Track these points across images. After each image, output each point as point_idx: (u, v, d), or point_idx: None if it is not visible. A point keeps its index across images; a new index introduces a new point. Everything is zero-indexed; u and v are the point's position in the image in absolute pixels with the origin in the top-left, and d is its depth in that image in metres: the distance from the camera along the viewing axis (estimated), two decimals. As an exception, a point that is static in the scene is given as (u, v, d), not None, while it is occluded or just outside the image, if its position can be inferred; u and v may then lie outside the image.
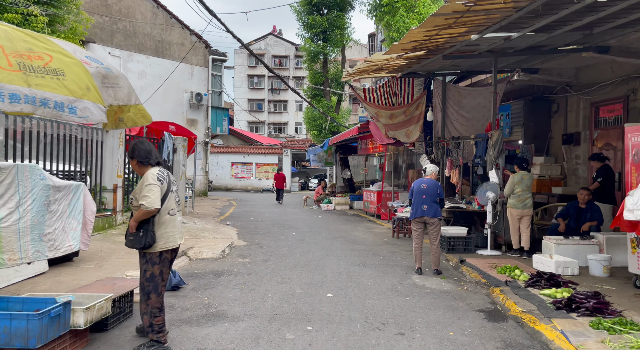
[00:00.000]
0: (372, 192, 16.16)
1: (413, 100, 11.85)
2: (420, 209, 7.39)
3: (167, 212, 4.16)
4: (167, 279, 4.27)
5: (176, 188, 4.35)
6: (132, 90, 4.11)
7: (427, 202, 7.34)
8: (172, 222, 4.19)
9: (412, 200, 7.60)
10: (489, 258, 8.48)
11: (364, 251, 9.16)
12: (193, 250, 8.27)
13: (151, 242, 4.01)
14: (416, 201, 7.47)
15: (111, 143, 8.93)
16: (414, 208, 7.49)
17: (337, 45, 23.70)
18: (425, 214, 7.33)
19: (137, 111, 4.23)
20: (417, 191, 7.48)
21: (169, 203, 4.18)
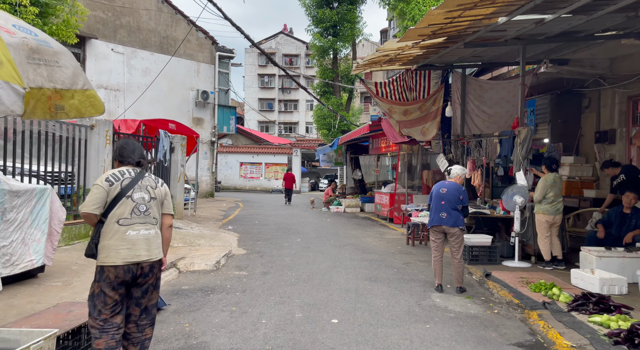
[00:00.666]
0: (384, 194, 15.20)
1: (429, 95, 10.88)
2: (438, 216, 6.42)
3: (115, 220, 3.36)
4: (113, 304, 3.35)
5: (141, 195, 3.47)
6: (79, 71, 3.24)
7: (446, 208, 6.38)
8: (121, 235, 3.35)
9: (430, 205, 6.65)
10: (518, 271, 7.50)
11: (376, 262, 8.22)
12: (184, 261, 7.40)
13: (88, 252, 3.41)
14: (434, 207, 6.51)
15: (96, 141, 8.11)
16: (432, 215, 6.54)
17: (348, 40, 22.72)
18: (444, 222, 6.37)
19: (85, 98, 3.36)
20: (436, 196, 6.52)
21: (119, 210, 3.37)
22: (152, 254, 3.45)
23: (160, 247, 3.56)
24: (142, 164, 3.62)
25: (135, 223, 3.40)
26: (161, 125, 13.46)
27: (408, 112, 11.03)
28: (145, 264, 3.41)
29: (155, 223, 3.53)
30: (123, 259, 3.32)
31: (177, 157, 11.78)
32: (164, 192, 3.66)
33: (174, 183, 11.72)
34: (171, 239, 3.82)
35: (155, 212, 3.54)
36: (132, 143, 3.71)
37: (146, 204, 3.47)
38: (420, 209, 12.17)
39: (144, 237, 3.43)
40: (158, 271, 3.55)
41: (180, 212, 11.85)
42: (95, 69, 20.61)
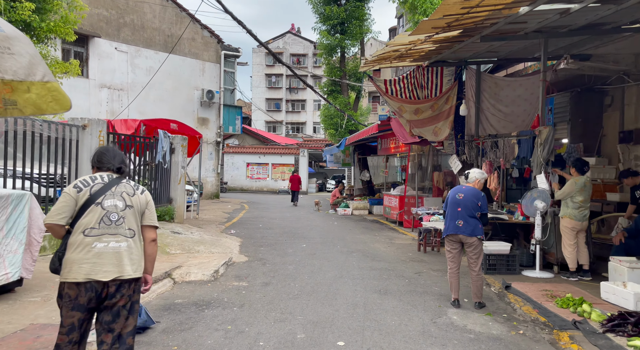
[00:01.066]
0: (393, 197, 14.64)
1: (442, 92, 10.32)
2: (453, 224, 5.87)
3: (81, 230, 2.92)
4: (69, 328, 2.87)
5: (114, 202, 3.01)
6: (38, 60, 2.76)
7: (463, 216, 5.82)
8: (86, 247, 2.90)
9: (446, 212, 6.10)
10: (540, 282, 6.93)
11: (386, 271, 7.68)
12: (180, 270, 6.91)
13: (51, 267, 2.98)
14: (450, 214, 5.96)
15: (89, 142, 7.65)
16: (447, 222, 5.99)
17: (356, 38, 22.15)
18: (461, 231, 5.81)
19: (46, 92, 2.88)
20: (452, 202, 5.97)
21: (85, 219, 2.93)
22: (123, 270, 2.96)
23: (137, 263, 3.07)
24: (123, 170, 3.17)
25: (104, 234, 2.94)
26: (162, 125, 13.01)
27: (419, 111, 10.48)
28: (112, 283, 2.92)
29: (131, 235, 3.06)
30: (85, 275, 2.85)
31: (177, 158, 11.31)
32: (144, 201, 3.17)
33: (174, 185, 11.25)
34: (156, 255, 3.32)
35: (131, 223, 3.06)
36: (113, 150, 3.29)
37: (119, 213, 3.01)
38: (431, 213, 11.61)
39: (113, 251, 2.95)
40: (133, 292, 3.05)
41: (181, 216, 11.38)
42: (98, 68, 20.26)
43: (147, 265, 3.18)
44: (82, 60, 19.98)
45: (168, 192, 11.13)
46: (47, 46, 11.70)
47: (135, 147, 10.29)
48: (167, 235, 9.01)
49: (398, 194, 14.19)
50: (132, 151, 10.50)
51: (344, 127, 22.17)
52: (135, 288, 3.07)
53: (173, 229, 9.82)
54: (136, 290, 3.07)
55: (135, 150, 10.04)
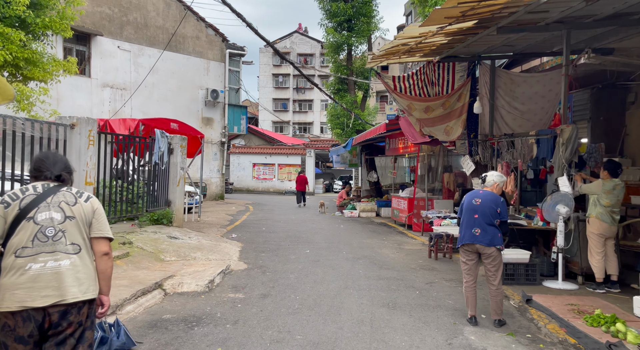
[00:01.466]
0: (402, 199, 14.07)
1: (454, 89, 9.74)
2: (470, 233, 5.31)
3: (12, 252, 2.46)
4: None
5: (49, 215, 2.58)
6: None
7: (480, 224, 5.26)
8: (19, 271, 2.45)
9: (461, 219, 5.54)
10: (563, 294, 6.35)
11: (395, 281, 7.13)
12: (172, 280, 6.40)
13: None
14: (466, 222, 5.40)
15: (78, 142, 7.17)
16: (463, 231, 5.43)
17: (363, 35, 21.59)
18: (478, 240, 5.25)
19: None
20: (468, 208, 5.41)
21: (17, 238, 2.48)
22: (65, 293, 2.49)
23: (87, 283, 2.61)
24: (64, 178, 2.67)
25: (40, 253, 2.49)
26: (162, 124, 12.55)
27: (430, 109, 9.91)
28: (54, 309, 2.45)
29: (75, 251, 2.60)
30: (19, 302, 2.39)
31: (176, 159, 10.82)
32: (89, 210, 2.70)
33: (172, 187, 10.77)
34: (112, 271, 2.82)
35: (74, 236, 2.61)
36: (54, 156, 2.81)
37: (56, 227, 2.55)
38: (442, 216, 11.04)
39: (52, 271, 2.48)
40: (86, 317, 2.58)
41: (180, 219, 10.90)
42: (100, 67, 19.89)
43: (101, 285, 2.73)
44: (84, 59, 19.62)
45: (166, 195, 10.65)
46: (44, 43, 11.31)
47: (131, 147, 9.82)
48: (162, 241, 8.53)
49: (407, 196, 13.63)
50: (131, 151, 10.05)
51: (350, 127, 21.62)
52: (89, 312, 2.59)
53: (170, 233, 9.34)
54: (90, 315, 2.59)
55: (132, 151, 9.57)
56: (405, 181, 21.27)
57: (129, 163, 9.44)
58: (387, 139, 16.65)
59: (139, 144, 9.75)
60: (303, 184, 23.51)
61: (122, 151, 9.25)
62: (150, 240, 8.38)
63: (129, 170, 9.69)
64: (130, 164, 9.68)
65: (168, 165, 10.67)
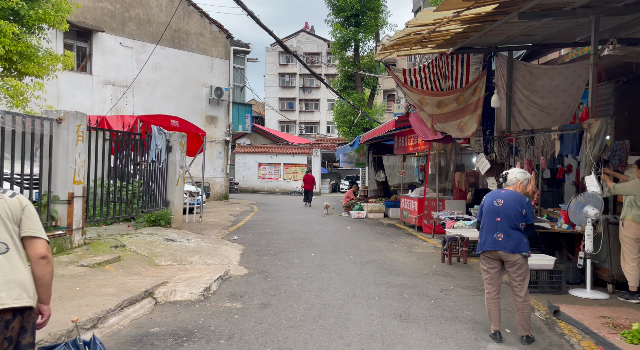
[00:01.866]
0: (411, 199, 13.48)
1: (468, 83, 9.17)
2: (491, 238, 4.73)
3: None
4: None
5: None
6: None
7: (503, 227, 4.68)
8: None
9: (481, 223, 4.96)
10: (594, 305, 5.77)
11: (406, 288, 6.56)
12: (165, 287, 5.88)
13: None
14: (486, 226, 4.82)
15: (65, 138, 6.67)
16: (483, 235, 4.84)
17: (371, 31, 21.01)
18: (500, 246, 4.67)
19: None
20: (489, 210, 4.83)
21: None
22: None
23: (19, 288, 2.21)
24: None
25: None
26: (162, 121, 12.06)
27: (442, 104, 9.34)
28: None
29: (2, 250, 2.22)
30: None
31: (174, 157, 10.32)
32: (16, 206, 2.32)
33: (171, 187, 10.26)
34: (52, 277, 2.45)
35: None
36: None
37: None
38: (455, 218, 10.47)
39: None
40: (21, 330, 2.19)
41: (179, 221, 10.39)
42: (102, 64, 19.47)
43: (39, 292, 2.36)
44: (85, 56, 19.21)
45: (164, 195, 10.15)
46: (38, 37, 10.89)
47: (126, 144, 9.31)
48: (158, 244, 8.02)
49: (417, 197, 13.04)
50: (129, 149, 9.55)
51: (357, 125, 21.04)
52: (25, 323, 2.17)
53: (167, 235, 8.83)
54: (27, 330, 2.15)
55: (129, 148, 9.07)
56: (413, 181, 20.67)
57: (123, 161, 8.93)
58: (395, 137, 16.08)
59: (133, 141, 9.23)
60: (310, 184, 23.11)
61: (117, 149, 8.76)
62: (145, 243, 7.88)
63: (125, 169, 9.19)
64: (126, 162, 9.16)
65: (166, 164, 10.17)
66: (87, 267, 6.16)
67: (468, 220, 9.97)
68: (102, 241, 7.40)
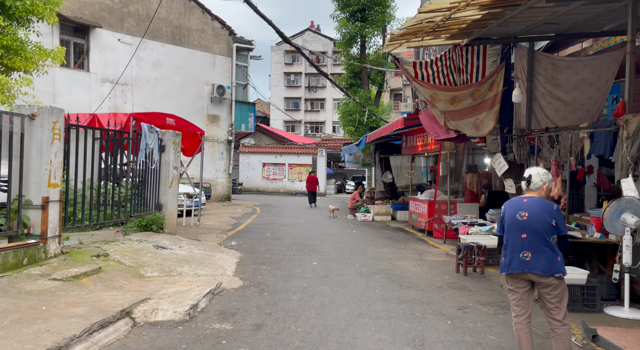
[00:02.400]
0: (421, 202, 12.75)
1: (484, 77, 8.42)
2: (518, 258, 3.96)
3: None
4: None
5: None
6: None
7: (531, 245, 3.92)
8: None
9: (502, 238, 4.21)
10: (635, 326, 5.04)
11: (419, 304, 5.84)
12: (146, 305, 5.19)
13: None
14: (511, 243, 4.05)
15: (39, 136, 6.00)
16: (508, 255, 4.06)
17: (378, 26, 20.27)
18: (530, 267, 3.91)
19: None
20: (511, 224, 4.06)
21: None
22: None
23: None
24: None
25: None
26: (156, 119, 11.42)
27: (456, 100, 8.60)
28: None
29: None
30: None
31: (168, 158, 9.64)
32: None
33: (164, 189, 9.59)
34: None
35: None
36: None
37: None
38: (468, 223, 9.73)
39: None
40: None
41: (172, 225, 9.71)
42: (100, 61, 18.88)
43: None
44: (83, 52, 18.62)
45: (156, 198, 9.48)
46: (27, 30, 10.30)
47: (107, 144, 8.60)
48: (146, 252, 7.34)
49: (427, 199, 12.30)
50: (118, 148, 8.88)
51: (364, 124, 20.29)
52: None
53: (158, 242, 8.15)
54: None
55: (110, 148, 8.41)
56: (421, 182, 19.93)
57: (109, 161, 8.25)
58: (404, 136, 15.34)
59: (120, 139, 8.56)
60: (314, 184, 22.67)
61: (103, 148, 8.09)
62: (131, 251, 7.20)
63: (113, 170, 8.53)
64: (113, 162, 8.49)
65: (159, 165, 9.50)
66: (60, 280, 5.49)
67: (483, 226, 9.23)
68: (82, 250, 6.73)
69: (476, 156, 13.80)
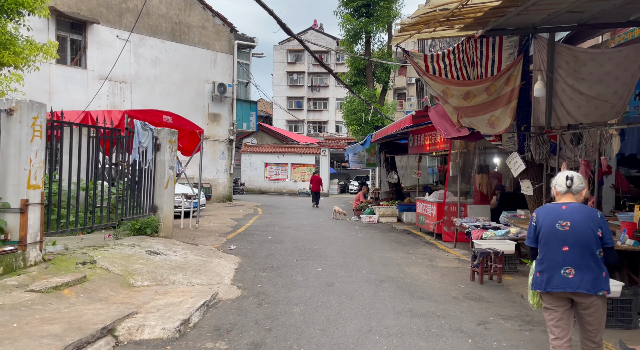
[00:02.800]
0: (429, 204, 12.20)
1: (501, 71, 7.86)
2: (558, 275, 3.43)
3: None
4: None
5: None
6: None
7: (573, 260, 3.40)
8: None
9: (536, 250, 3.66)
10: (679, 347, 4.46)
11: (434, 318, 5.29)
12: (132, 320, 4.66)
13: None
14: (548, 257, 3.50)
15: (17, 133, 5.49)
16: (545, 270, 3.50)
17: (383, 22, 19.70)
18: (573, 286, 3.39)
19: None
20: (549, 234, 3.50)
21: None
22: None
23: None
24: None
25: None
26: (153, 117, 10.90)
27: (470, 95, 8.04)
28: None
29: None
30: None
31: (163, 157, 9.11)
32: None
33: (159, 190, 9.06)
34: None
35: None
36: None
37: None
38: (481, 226, 9.17)
39: None
40: None
41: (168, 228, 9.19)
42: (97, 58, 18.39)
43: None
44: (80, 49, 18.13)
45: (151, 199, 8.95)
46: (17, 23, 9.83)
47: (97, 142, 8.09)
48: (137, 258, 6.81)
49: (435, 201, 11.75)
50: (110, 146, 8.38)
51: (369, 122, 19.73)
52: None
53: (151, 247, 7.63)
54: None
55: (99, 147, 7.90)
56: (428, 182, 19.36)
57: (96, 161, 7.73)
58: (410, 135, 14.78)
59: (110, 138, 8.04)
60: (318, 185, 22.33)
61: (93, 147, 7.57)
62: (121, 257, 6.68)
63: (104, 170, 8.01)
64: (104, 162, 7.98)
65: (154, 164, 8.97)
66: (38, 292, 4.97)
67: (497, 229, 8.68)
68: (67, 257, 6.21)
69: (487, 156, 13.24)
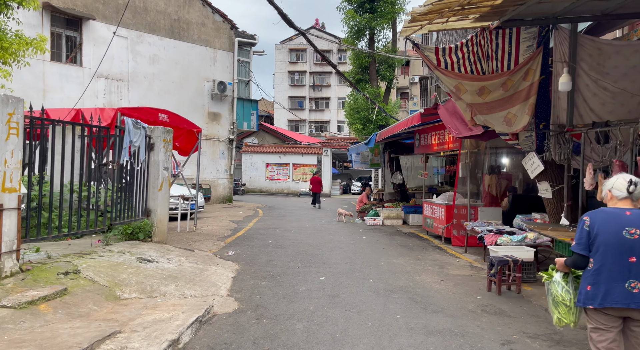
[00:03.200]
0: (437, 206, 11.65)
1: (518, 65, 7.32)
2: (622, 288, 2.97)
3: None
4: None
5: None
6: None
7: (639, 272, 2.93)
8: None
9: (586, 258, 3.14)
10: None
11: (452, 336, 4.75)
12: (113, 342, 4.13)
13: None
14: (609, 267, 3.01)
15: (-9, 130, 4.97)
16: (602, 283, 3.03)
17: (387, 18, 19.17)
18: (636, 301, 2.91)
19: None
20: (613, 242, 3.00)
21: None
22: None
23: None
24: None
25: None
26: (148, 115, 10.39)
27: (485, 91, 7.50)
28: None
29: None
30: None
31: (157, 157, 8.58)
32: None
33: (153, 193, 8.53)
34: None
35: None
36: None
37: None
38: (495, 230, 8.62)
39: None
40: None
41: (162, 233, 8.66)
42: (94, 55, 17.88)
43: None
44: (76, 46, 17.63)
45: (144, 202, 8.43)
46: (6, 17, 9.35)
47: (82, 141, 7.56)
48: (126, 267, 6.28)
49: (444, 203, 11.20)
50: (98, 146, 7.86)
51: (373, 121, 19.19)
52: None
53: (143, 253, 7.10)
54: None
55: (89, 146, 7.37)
56: (434, 183, 18.82)
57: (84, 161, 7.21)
58: (417, 135, 14.24)
59: (98, 136, 7.52)
60: (318, 186, 21.92)
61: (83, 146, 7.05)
62: (108, 266, 6.15)
63: (93, 171, 7.49)
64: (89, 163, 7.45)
65: (147, 165, 8.45)
66: (10, 308, 4.44)
67: (512, 234, 8.13)
68: (48, 266, 5.68)
69: (497, 156, 12.70)
